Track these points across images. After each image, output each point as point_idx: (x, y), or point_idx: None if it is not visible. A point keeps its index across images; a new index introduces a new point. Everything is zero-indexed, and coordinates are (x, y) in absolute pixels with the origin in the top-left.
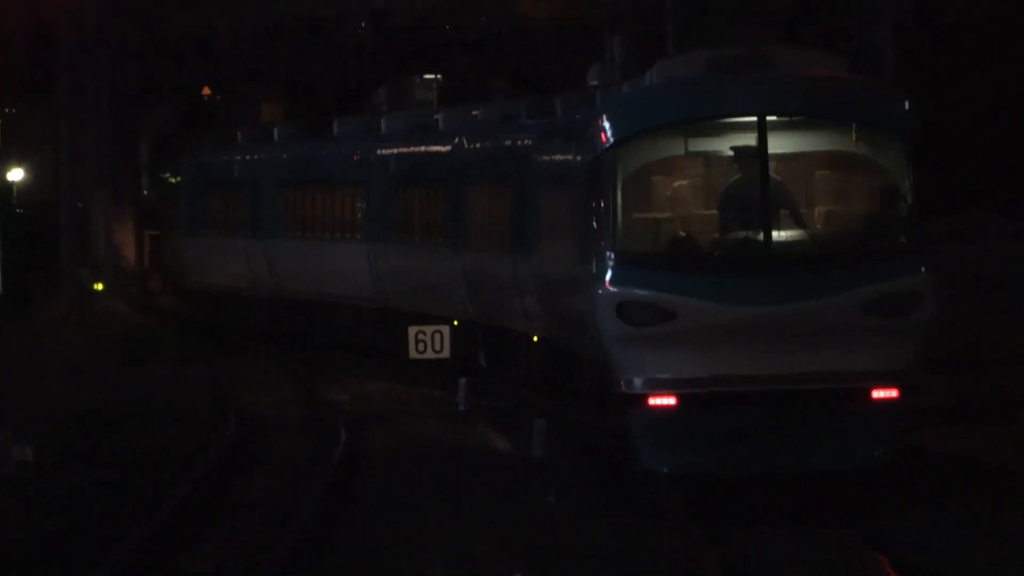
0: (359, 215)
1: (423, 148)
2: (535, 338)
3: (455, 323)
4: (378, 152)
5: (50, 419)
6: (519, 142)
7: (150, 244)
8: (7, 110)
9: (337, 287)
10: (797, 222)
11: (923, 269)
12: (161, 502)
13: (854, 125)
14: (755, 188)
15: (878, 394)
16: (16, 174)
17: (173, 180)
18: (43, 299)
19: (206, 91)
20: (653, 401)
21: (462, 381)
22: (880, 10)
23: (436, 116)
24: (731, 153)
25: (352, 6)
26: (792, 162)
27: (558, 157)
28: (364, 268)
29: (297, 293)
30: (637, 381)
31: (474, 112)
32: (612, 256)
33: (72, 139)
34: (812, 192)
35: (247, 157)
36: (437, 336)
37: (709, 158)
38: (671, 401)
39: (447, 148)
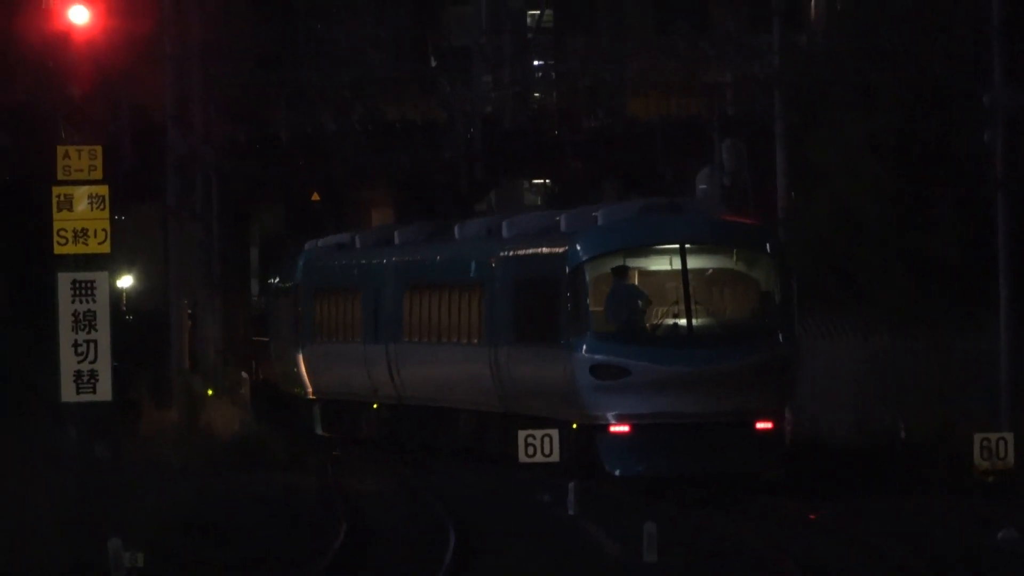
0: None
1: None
2: None
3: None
4: (500, 254)
5: (160, 527)
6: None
7: (260, 350)
8: (116, 217)
9: (456, 392)
10: (708, 313)
11: (789, 344)
12: None
13: (739, 250)
14: (679, 291)
15: (760, 425)
16: (125, 280)
17: (284, 285)
18: (153, 406)
19: (315, 196)
20: (613, 429)
21: (571, 484)
22: (995, 108)
23: (558, 218)
24: (664, 267)
25: (463, 109)
26: (702, 274)
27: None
28: (485, 373)
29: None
30: (602, 416)
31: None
32: (589, 331)
33: (180, 244)
34: (716, 294)
35: (366, 261)
36: (547, 440)
37: (645, 272)
38: (626, 429)
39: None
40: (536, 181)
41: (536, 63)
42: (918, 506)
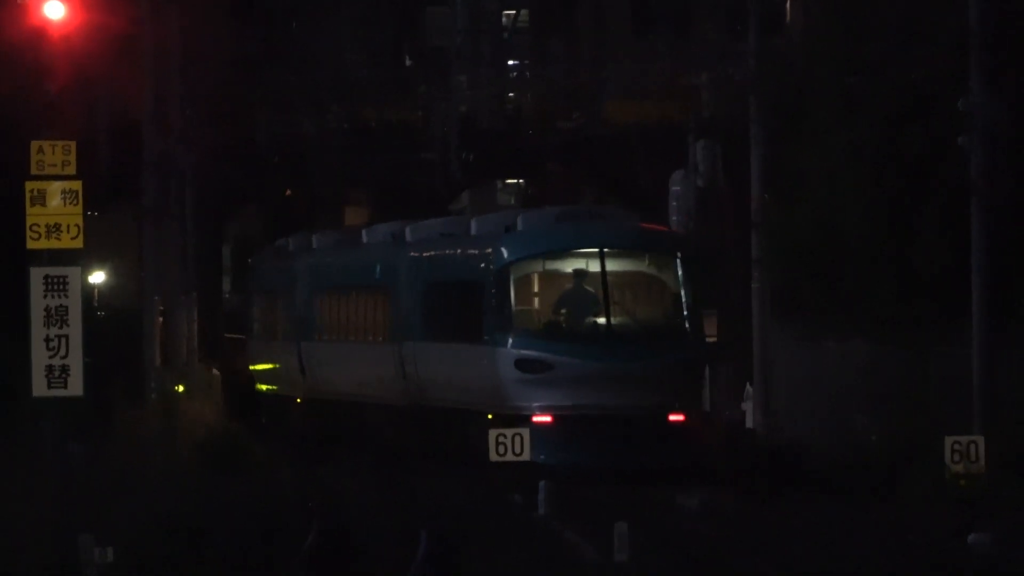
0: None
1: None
2: None
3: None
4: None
5: (132, 525)
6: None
7: (232, 347)
8: (90, 213)
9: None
10: (625, 313)
11: (698, 343)
12: None
13: (652, 255)
14: (599, 292)
15: (673, 417)
16: (97, 276)
17: (246, 286)
18: (125, 404)
19: (288, 192)
20: (536, 419)
21: (542, 484)
22: (970, 112)
23: (468, 223)
24: (583, 270)
25: (439, 111)
26: (618, 276)
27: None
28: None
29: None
30: (526, 407)
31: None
32: (514, 329)
33: (155, 242)
34: (631, 295)
35: (289, 265)
36: (517, 438)
37: (565, 274)
38: (548, 419)
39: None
40: (510, 181)
41: (512, 63)
42: (891, 511)
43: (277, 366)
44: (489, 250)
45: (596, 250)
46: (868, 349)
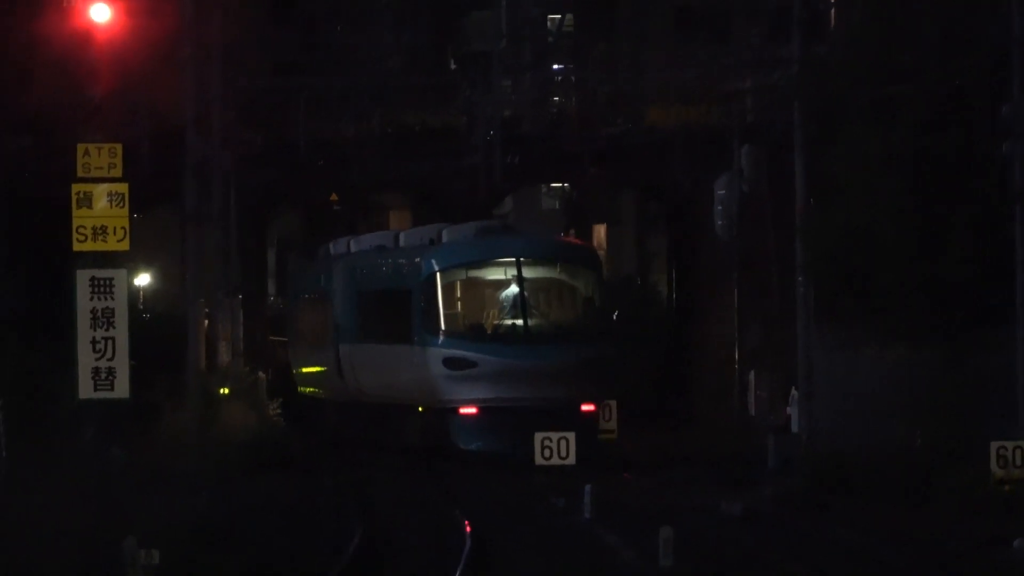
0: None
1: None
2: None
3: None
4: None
5: (175, 529)
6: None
7: (277, 350)
8: (134, 216)
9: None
10: (540, 315)
11: (607, 343)
12: None
13: (563, 264)
14: (517, 297)
15: (585, 408)
16: (142, 279)
17: (314, 285)
18: (170, 407)
19: (334, 197)
20: (463, 411)
21: (587, 488)
22: (1014, 119)
23: (396, 236)
24: (502, 277)
25: (481, 115)
26: (535, 283)
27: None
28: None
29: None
30: (453, 400)
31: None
32: (441, 331)
33: (197, 245)
34: (545, 299)
35: (294, 273)
36: (563, 442)
37: (488, 281)
38: (473, 411)
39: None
40: (554, 185)
41: (556, 67)
42: (934, 517)
43: (298, 368)
44: (418, 259)
45: (513, 259)
46: (905, 354)
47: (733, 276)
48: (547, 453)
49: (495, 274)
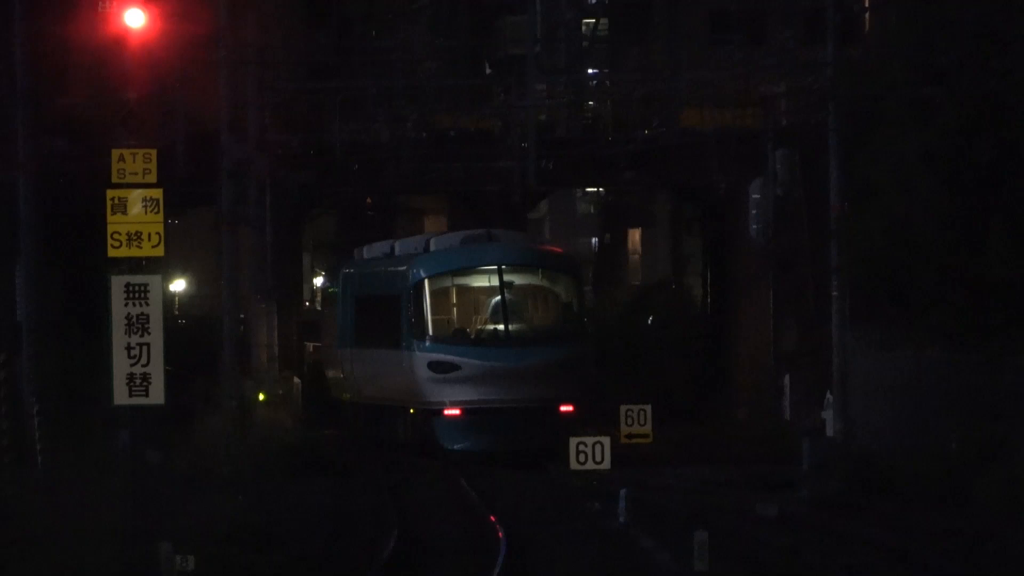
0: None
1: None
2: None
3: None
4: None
5: (210, 533)
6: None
7: (312, 355)
8: (170, 221)
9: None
10: (521, 320)
11: (584, 345)
12: None
13: (543, 270)
14: (499, 303)
15: (564, 408)
16: (178, 284)
17: (331, 291)
18: (205, 412)
19: (368, 201)
20: (447, 412)
21: (622, 492)
22: None
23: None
24: (485, 284)
25: (516, 118)
26: (516, 289)
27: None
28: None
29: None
30: (438, 402)
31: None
32: (427, 335)
33: (233, 249)
34: (527, 305)
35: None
36: (598, 447)
37: (470, 288)
38: (457, 412)
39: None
40: (589, 190)
41: (590, 71)
42: (972, 518)
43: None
44: (405, 268)
45: (495, 267)
46: (942, 355)
47: (768, 279)
48: (582, 458)
49: (478, 281)
